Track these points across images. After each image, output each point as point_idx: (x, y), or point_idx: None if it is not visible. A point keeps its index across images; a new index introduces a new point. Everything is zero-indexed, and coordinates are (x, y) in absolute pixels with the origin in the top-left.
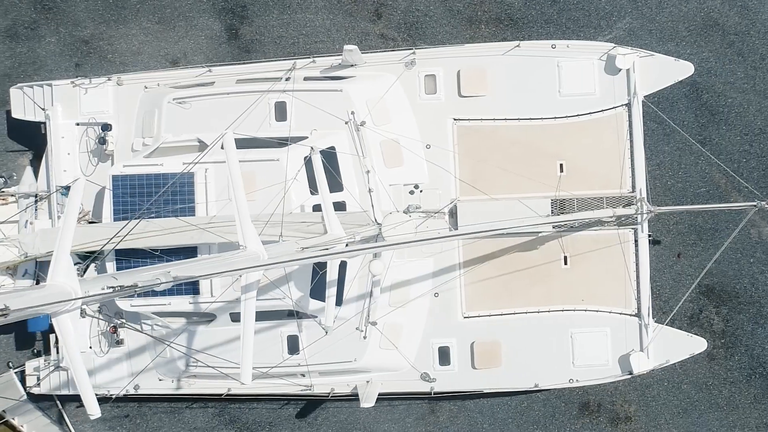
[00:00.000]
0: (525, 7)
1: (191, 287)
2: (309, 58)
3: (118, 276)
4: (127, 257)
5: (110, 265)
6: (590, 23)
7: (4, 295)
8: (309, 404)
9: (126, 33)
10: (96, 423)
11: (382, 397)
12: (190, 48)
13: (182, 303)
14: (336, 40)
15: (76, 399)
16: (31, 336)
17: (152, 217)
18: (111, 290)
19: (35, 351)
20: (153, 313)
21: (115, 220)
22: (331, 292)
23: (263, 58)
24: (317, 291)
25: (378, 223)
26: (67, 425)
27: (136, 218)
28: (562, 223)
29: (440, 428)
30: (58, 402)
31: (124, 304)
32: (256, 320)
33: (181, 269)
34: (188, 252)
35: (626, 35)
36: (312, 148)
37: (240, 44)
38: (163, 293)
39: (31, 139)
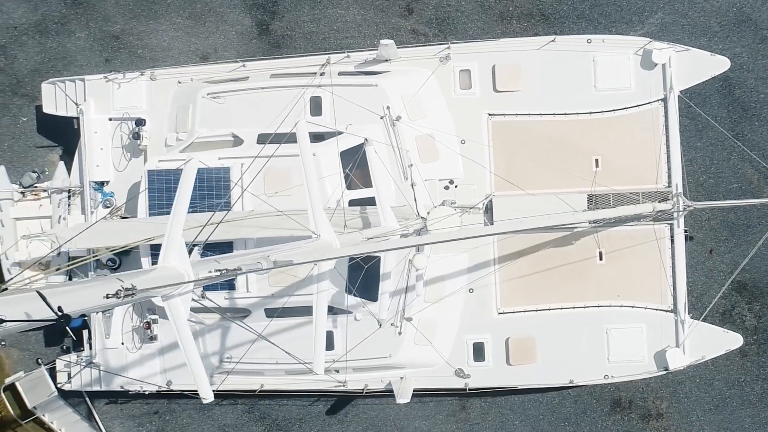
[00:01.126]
0: (557, 3)
1: (227, 282)
2: (343, 53)
3: (221, 260)
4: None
5: (145, 261)
6: (622, 18)
7: (130, 275)
8: (339, 401)
9: (156, 28)
10: (125, 419)
11: (413, 394)
12: (221, 43)
13: (217, 298)
14: (367, 36)
15: (105, 395)
16: (59, 333)
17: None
18: (218, 273)
19: (64, 347)
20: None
21: (150, 215)
22: (385, 286)
23: (294, 54)
24: (353, 287)
25: (422, 217)
26: (96, 422)
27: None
28: (603, 219)
29: (471, 425)
30: (87, 399)
31: (157, 300)
32: (290, 316)
33: (281, 255)
34: (224, 247)
35: (658, 30)
36: (366, 139)
37: (270, 40)
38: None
39: (61, 134)
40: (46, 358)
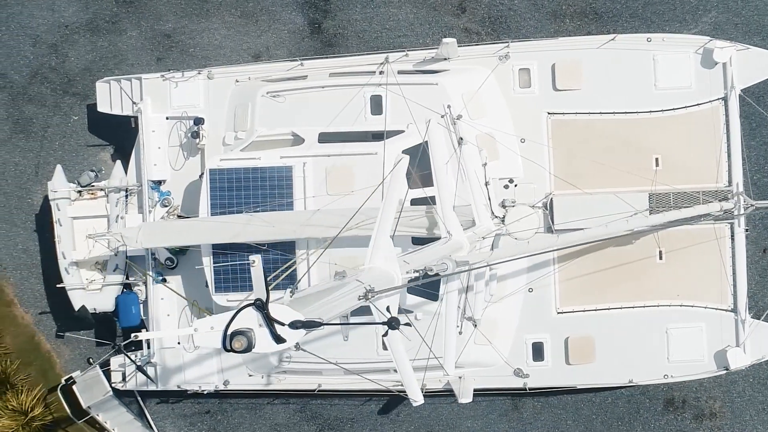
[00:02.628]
0: (610, 1)
1: (288, 282)
2: (402, 51)
3: (409, 260)
4: (224, 251)
5: (206, 260)
6: (675, 17)
7: (367, 276)
8: (391, 400)
9: (208, 27)
10: (176, 419)
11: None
12: (273, 42)
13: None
14: (420, 35)
15: (156, 395)
16: (111, 332)
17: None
18: (419, 274)
19: (115, 347)
20: None
21: (212, 214)
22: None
23: (346, 53)
24: (417, 287)
25: (498, 216)
26: (148, 421)
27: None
28: (673, 222)
29: (523, 424)
30: (139, 398)
31: (220, 299)
32: (350, 317)
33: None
34: (284, 246)
35: (712, 29)
36: (461, 138)
37: (323, 38)
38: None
39: (112, 133)
40: (97, 358)
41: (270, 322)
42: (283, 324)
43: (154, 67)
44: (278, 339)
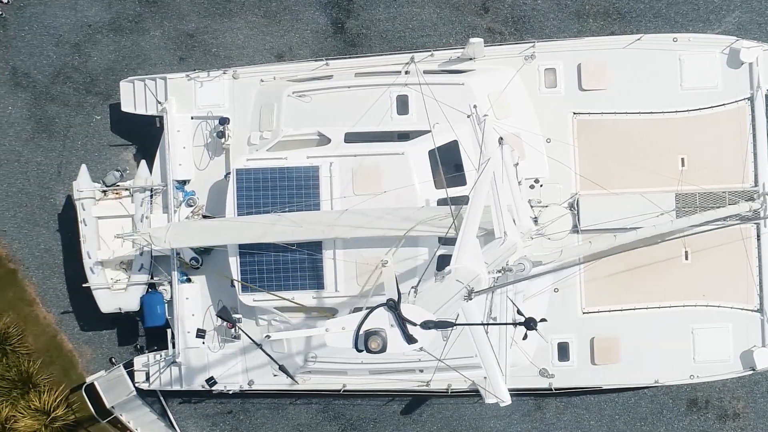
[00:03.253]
0: (633, 1)
1: (315, 281)
2: (428, 51)
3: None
4: (251, 251)
5: (233, 261)
6: (699, 17)
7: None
8: (414, 400)
9: (231, 27)
10: (199, 419)
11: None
12: (296, 42)
13: (305, 298)
14: (443, 35)
15: (178, 395)
16: (133, 332)
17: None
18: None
19: (138, 347)
20: (274, 308)
21: (239, 214)
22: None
23: (369, 52)
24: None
25: (533, 218)
26: (171, 421)
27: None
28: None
29: (546, 425)
30: (161, 398)
31: (246, 299)
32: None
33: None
34: (311, 246)
35: (735, 29)
36: (501, 138)
37: (346, 38)
38: (287, 287)
39: (135, 133)
40: (119, 357)
41: (402, 322)
42: (414, 324)
43: (177, 67)
44: (410, 339)
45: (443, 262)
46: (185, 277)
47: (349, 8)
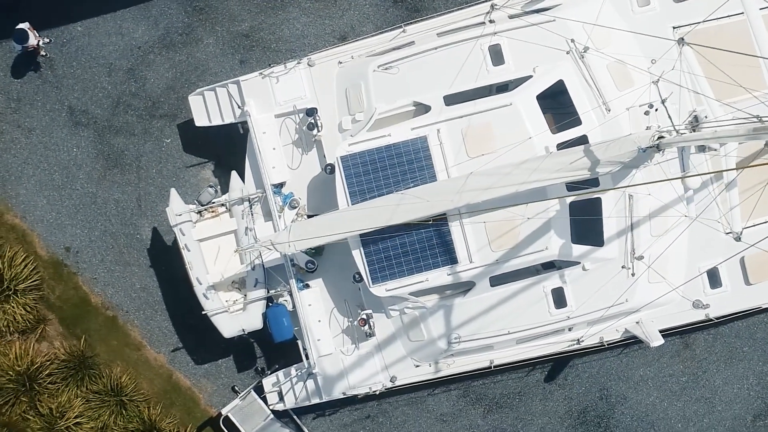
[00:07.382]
0: None
1: (447, 257)
2: None
3: None
4: (374, 239)
5: (356, 253)
6: None
7: None
8: (554, 367)
9: (286, 18)
10: (337, 430)
11: (628, 342)
12: (357, 19)
13: (440, 276)
14: None
15: (310, 410)
16: (249, 355)
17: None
18: None
19: (258, 368)
20: (410, 293)
21: (353, 202)
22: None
23: (435, 13)
24: (578, 235)
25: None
26: None
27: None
28: None
29: (697, 362)
30: (294, 416)
31: (378, 290)
32: (515, 280)
33: None
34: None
35: None
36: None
37: (407, 5)
38: (418, 269)
39: (209, 147)
40: (242, 385)
41: None
42: None
43: (238, 71)
44: None
45: (575, 209)
46: (302, 284)
47: None
